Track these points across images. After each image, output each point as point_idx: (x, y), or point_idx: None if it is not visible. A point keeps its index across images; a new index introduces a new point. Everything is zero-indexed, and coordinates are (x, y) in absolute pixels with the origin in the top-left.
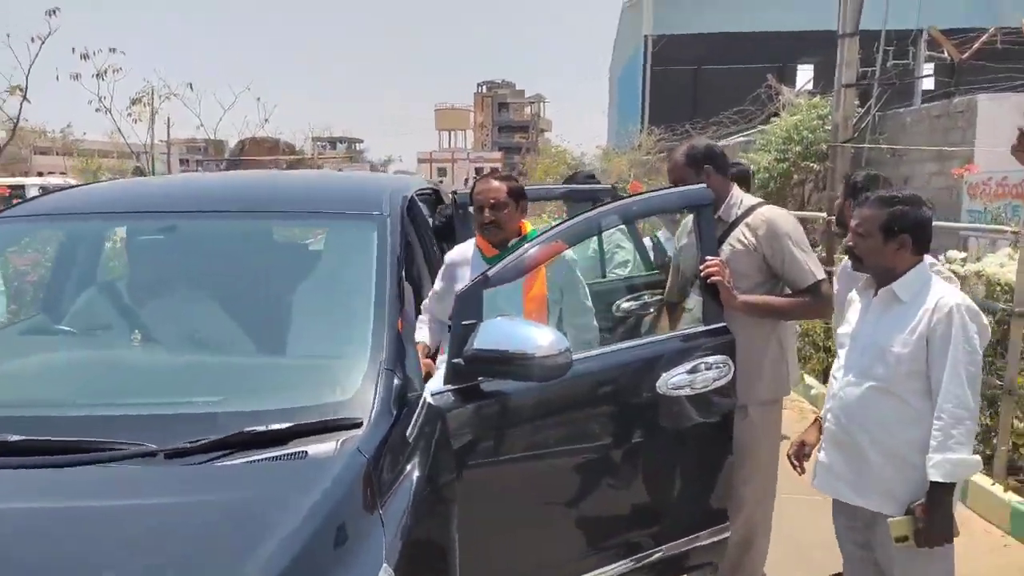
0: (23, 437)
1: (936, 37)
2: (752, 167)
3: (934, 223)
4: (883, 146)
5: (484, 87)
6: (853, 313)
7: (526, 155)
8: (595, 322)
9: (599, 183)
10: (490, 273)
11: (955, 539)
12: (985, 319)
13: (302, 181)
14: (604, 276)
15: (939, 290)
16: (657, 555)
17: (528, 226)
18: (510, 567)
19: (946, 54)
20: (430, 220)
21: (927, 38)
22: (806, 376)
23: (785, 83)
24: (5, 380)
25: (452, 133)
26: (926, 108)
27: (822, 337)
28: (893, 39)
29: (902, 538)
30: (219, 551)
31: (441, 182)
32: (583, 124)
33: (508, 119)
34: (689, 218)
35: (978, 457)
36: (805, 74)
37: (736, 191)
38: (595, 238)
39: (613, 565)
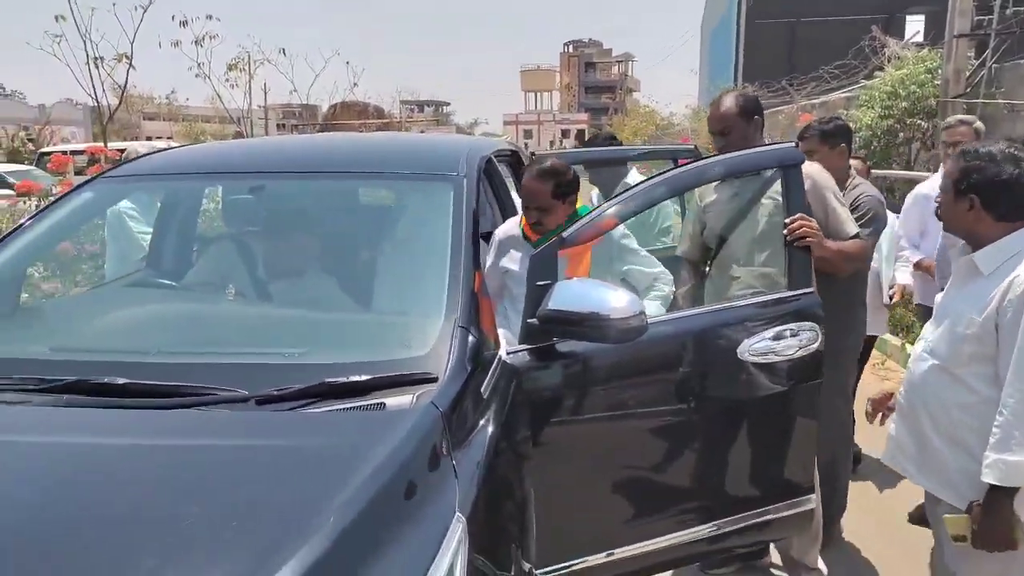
0: (129, 380)
1: None
2: (854, 125)
3: None
4: (999, 101)
5: (570, 47)
6: (951, 280)
7: (613, 116)
8: (667, 276)
9: (620, 144)
10: (565, 234)
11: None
12: None
13: (382, 143)
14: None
15: None
16: (737, 525)
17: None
18: (584, 525)
19: None
20: (509, 181)
21: None
22: (907, 345)
23: (892, 35)
24: (112, 328)
25: (538, 94)
26: None
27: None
28: None
29: (960, 537)
30: (301, 492)
31: (527, 144)
32: (673, 83)
33: (595, 79)
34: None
35: None
36: (915, 26)
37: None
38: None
39: (689, 530)
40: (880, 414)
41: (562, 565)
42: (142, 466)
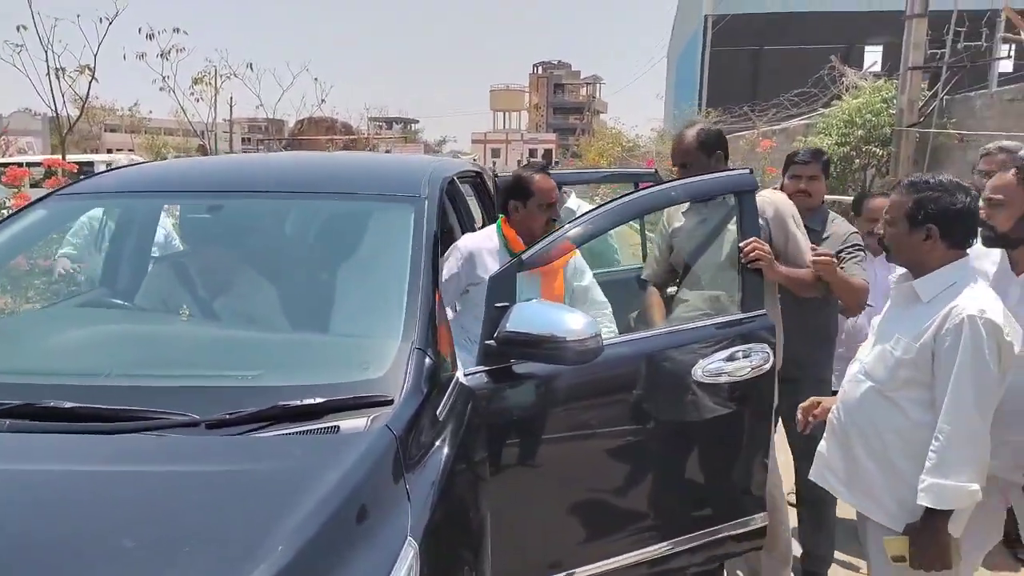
0: (75, 404)
1: (1012, 18)
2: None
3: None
4: (950, 131)
5: (540, 68)
6: (889, 304)
7: (580, 136)
8: (607, 308)
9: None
10: (524, 256)
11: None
12: (1013, 330)
13: (344, 163)
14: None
15: (966, 295)
16: (691, 543)
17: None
18: (541, 547)
19: (1023, 36)
20: (472, 201)
21: (1003, 19)
22: None
23: (851, 65)
24: (61, 349)
25: (507, 114)
26: (998, 92)
27: None
28: (965, 20)
29: (898, 558)
30: (251, 518)
31: (495, 163)
32: (639, 107)
33: (563, 100)
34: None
35: (976, 487)
36: (873, 56)
37: None
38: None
39: (645, 549)
40: (807, 422)
41: None
42: (87, 493)
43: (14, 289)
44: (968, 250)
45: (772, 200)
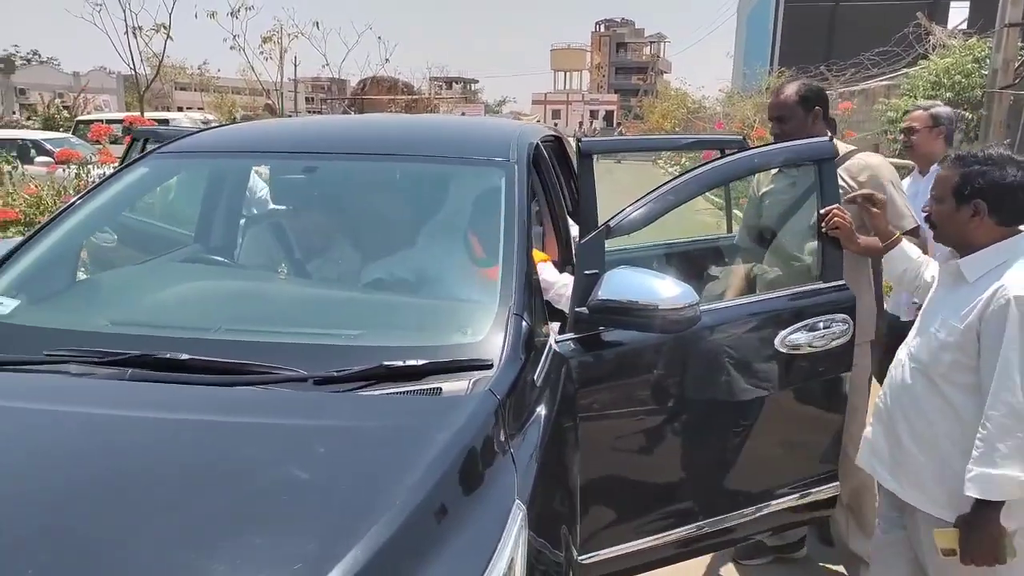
0: (191, 356)
1: None
2: (894, 114)
3: None
4: None
5: (602, 26)
6: (935, 285)
7: (643, 97)
8: None
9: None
10: (612, 223)
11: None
12: None
13: (433, 126)
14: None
15: (1013, 274)
16: (767, 509)
17: None
18: (628, 512)
19: None
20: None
21: None
22: None
23: (936, 21)
24: (171, 303)
25: (568, 74)
26: None
27: None
28: None
29: (948, 551)
30: (366, 474)
31: (555, 124)
32: (706, 66)
33: (626, 60)
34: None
35: (1022, 474)
36: (959, 13)
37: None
38: None
39: (724, 515)
40: None
41: (604, 551)
42: (204, 441)
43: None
44: (1021, 227)
45: (868, 163)
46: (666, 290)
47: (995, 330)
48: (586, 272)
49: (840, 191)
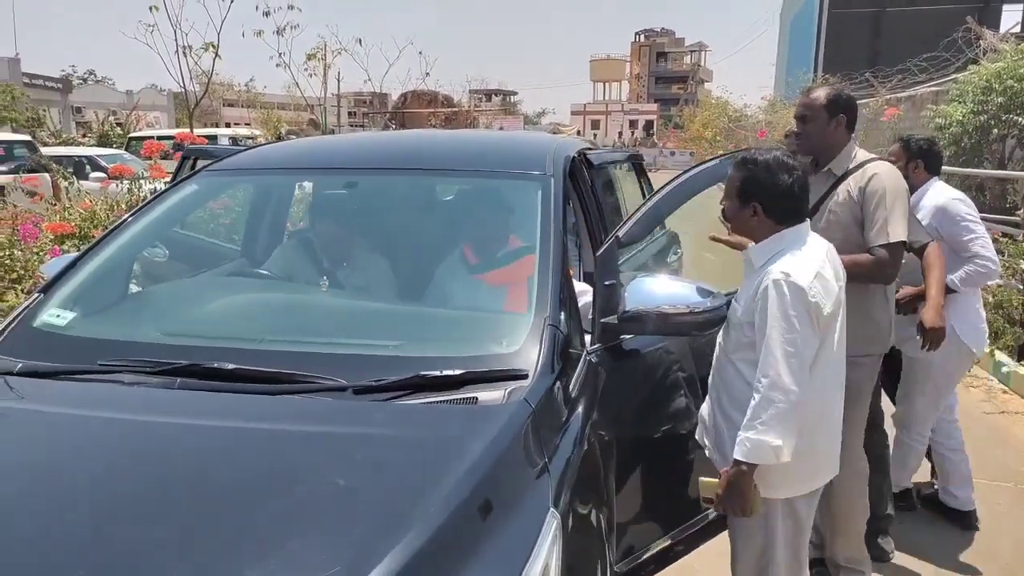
0: (236, 366)
1: None
2: (943, 120)
3: None
4: None
5: (642, 36)
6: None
7: (684, 107)
8: None
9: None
10: (620, 233)
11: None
12: (817, 292)
13: (470, 140)
14: None
15: (781, 261)
16: None
17: None
18: (655, 513)
19: None
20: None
21: None
22: (997, 352)
23: (988, 26)
24: (218, 316)
25: (607, 84)
26: None
27: (1019, 310)
28: None
29: (708, 500)
30: (403, 481)
31: (595, 135)
32: (748, 75)
33: (666, 69)
34: None
35: (779, 443)
36: (1011, 16)
37: (857, 148)
38: None
39: None
40: None
41: (638, 553)
42: (250, 448)
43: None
44: (790, 223)
45: (875, 171)
46: (691, 294)
47: (761, 309)
48: (606, 283)
49: (845, 197)
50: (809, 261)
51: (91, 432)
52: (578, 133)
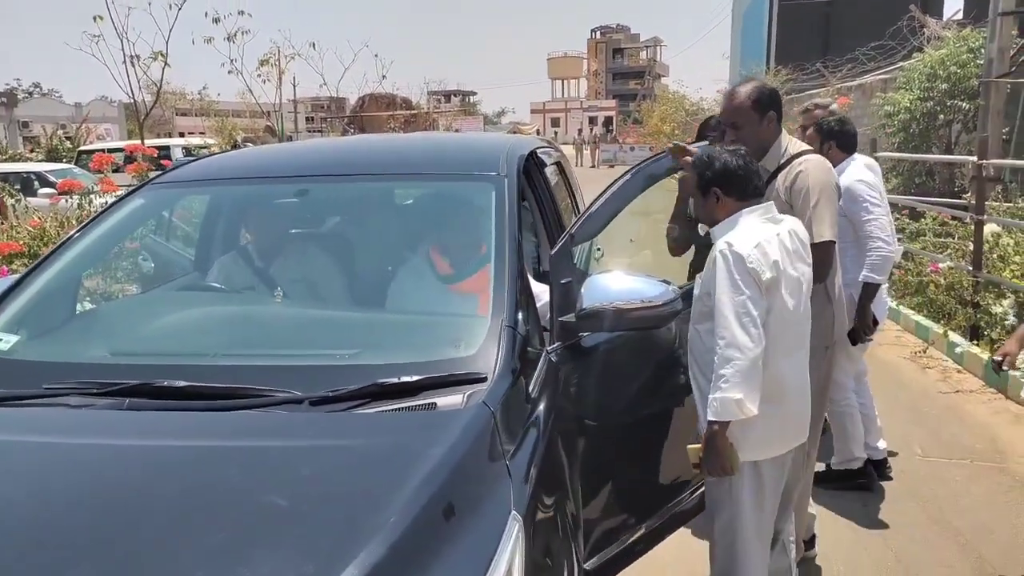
0: (187, 383)
1: None
2: (891, 108)
3: None
4: None
5: (598, 33)
6: None
7: (642, 102)
8: None
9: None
10: (574, 231)
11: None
12: (755, 259)
13: (422, 144)
14: None
15: (728, 235)
16: None
17: None
18: (624, 508)
19: None
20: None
21: None
22: (950, 333)
23: (932, 13)
24: (168, 332)
25: (566, 82)
26: None
27: (969, 291)
28: None
29: (696, 465)
30: (361, 491)
31: (555, 133)
32: (703, 68)
33: (623, 65)
34: None
35: (740, 396)
36: (954, 4)
37: (785, 139)
38: None
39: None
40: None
41: (608, 550)
42: (205, 466)
43: (105, 271)
44: (749, 201)
45: (801, 168)
46: (646, 288)
47: (712, 277)
48: (561, 281)
49: (775, 194)
50: (752, 233)
51: (35, 458)
52: (537, 132)
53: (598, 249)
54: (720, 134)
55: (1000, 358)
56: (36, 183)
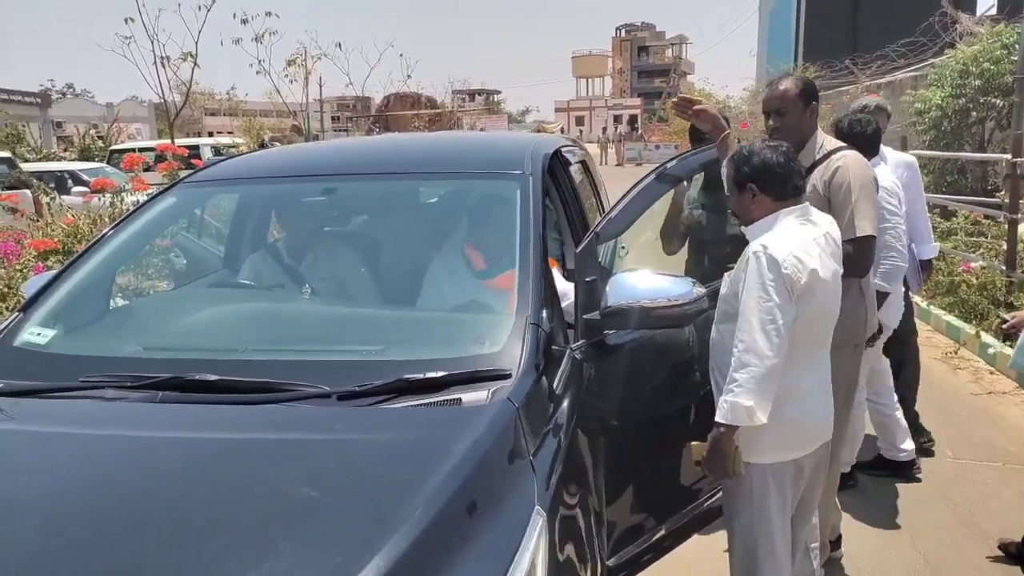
0: (218, 377)
1: None
2: (922, 105)
3: None
4: None
5: (623, 30)
6: None
7: (667, 100)
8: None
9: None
10: (599, 229)
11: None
12: (791, 265)
13: (448, 143)
14: None
15: (763, 237)
16: None
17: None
18: (647, 507)
19: None
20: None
21: None
22: (982, 333)
23: (965, 9)
24: (199, 328)
25: (590, 80)
26: None
27: (1003, 291)
28: None
29: (697, 462)
30: (387, 484)
31: (580, 132)
32: (729, 65)
33: (648, 63)
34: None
35: (751, 403)
36: (987, 0)
37: (822, 135)
38: None
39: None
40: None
41: (629, 548)
42: (234, 458)
43: (137, 268)
44: (788, 201)
45: (839, 164)
46: (671, 287)
47: (740, 278)
48: (586, 279)
49: (812, 190)
50: (789, 237)
51: (71, 448)
52: (562, 131)
53: (623, 247)
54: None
55: (1010, 318)
56: (70, 181)
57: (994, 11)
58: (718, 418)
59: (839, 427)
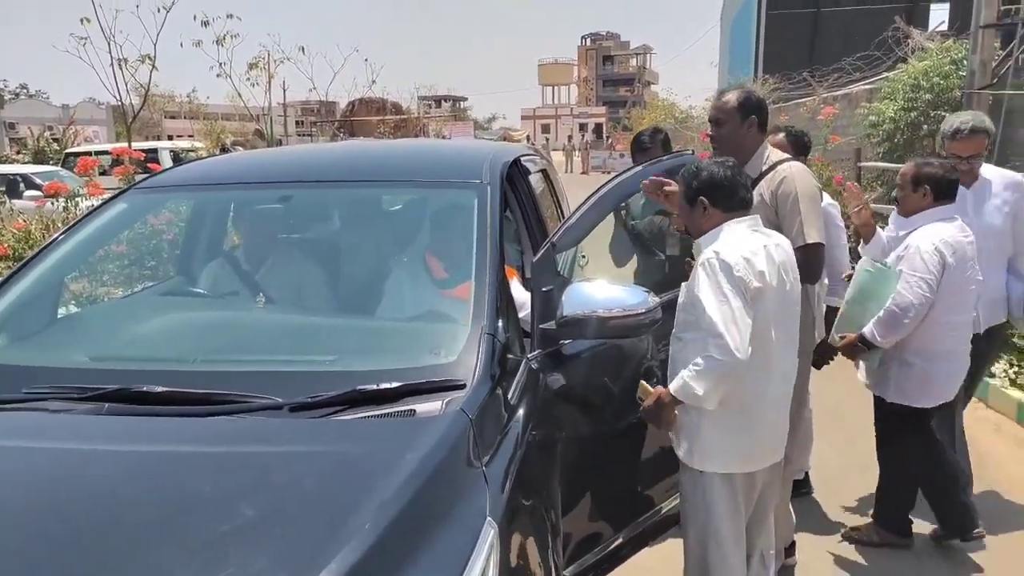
0: (167, 388)
1: None
2: (876, 118)
3: None
4: None
5: (588, 40)
6: None
7: (631, 109)
8: None
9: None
10: (555, 239)
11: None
12: (742, 268)
13: (406, 151)
14: None
15: (714, 244)
16: None
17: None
18: (603, 514)
19: None
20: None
21: None
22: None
23: (915, 25)
24: (149, 337)
25: (556, 88)
26: None
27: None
28: None
29: (640, 399)
30: (336, 497)
31: (546, 139)
32: (692, 76)
33: (613, 72)
34: None
35: (702, 392)
36: (939, 15)
37: (769, 148)
38: None
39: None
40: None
41: (588, 556)
42: (182, 471)
43: (88, 275)
44: (736, 213)
45: (785, 174)
46: (627, 297)
47: (698, 287)
48: (543, 289)
49: (759, 200)
50: (739, 243)
51: (11, 463)
52: (528, 138)
53: (583, 256)
54: (660, 145)
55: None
56: (22, 185)
57: (945, 27)
58: (670, 387)
59: (791, 432)
